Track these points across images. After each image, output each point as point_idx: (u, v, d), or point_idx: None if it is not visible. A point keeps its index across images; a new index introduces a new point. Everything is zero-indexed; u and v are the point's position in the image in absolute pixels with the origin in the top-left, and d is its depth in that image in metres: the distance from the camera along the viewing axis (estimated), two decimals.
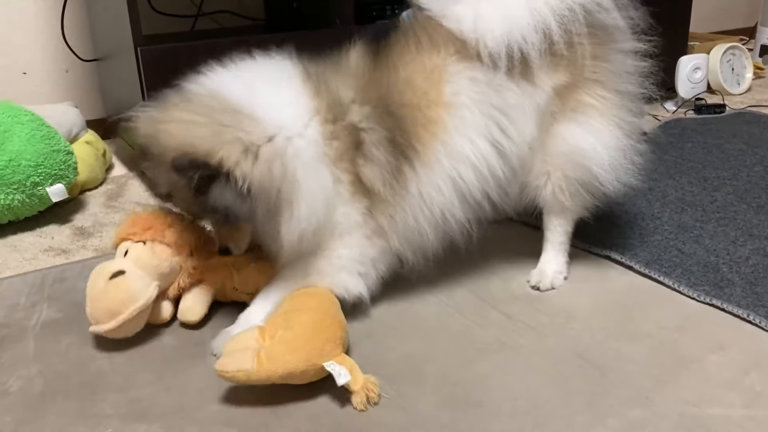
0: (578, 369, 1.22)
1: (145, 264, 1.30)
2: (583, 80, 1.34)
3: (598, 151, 1.35)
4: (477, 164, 1.29)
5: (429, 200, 1.29)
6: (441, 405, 1.13)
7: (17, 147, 1.82)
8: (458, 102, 1.27)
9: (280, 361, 1.11)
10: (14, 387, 1.20)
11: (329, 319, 1.21)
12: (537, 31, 1.25)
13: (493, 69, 1.27)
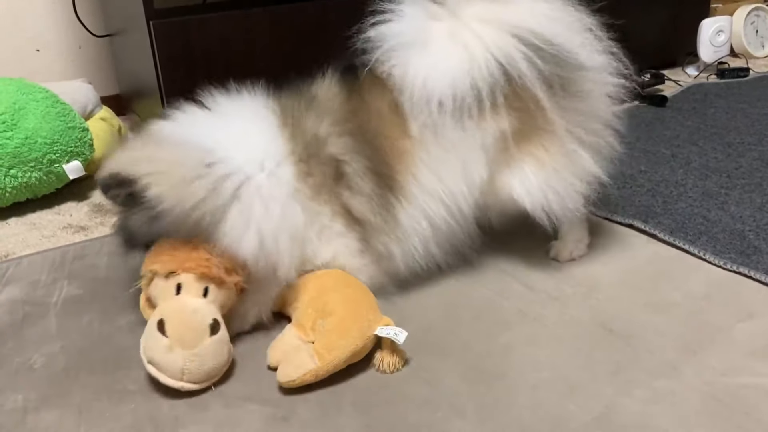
0: (603, 340, 1.20)
1: (221, 303, 1.17)
2: (532, 129, 1.28)
3: (530, 198, 1.30)
4: (445, 199, 1.28)
5: (416, 230, 1.29)
6: (464, 377, 1.12)
7: (33, 125, 1.82)
8: (422, 137, 1.26)
9: (339, 347, 1.10)
10: (38, 363, 1.20)
11: (357, 290, 1.21)
12: (462, 85, 1.21)
13: None
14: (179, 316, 1.10)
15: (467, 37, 1.22)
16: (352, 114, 1.27)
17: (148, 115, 2.20)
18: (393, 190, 1.26)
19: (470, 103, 1.22)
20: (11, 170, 1.78)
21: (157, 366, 1.08)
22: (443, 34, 1.25)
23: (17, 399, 1.12)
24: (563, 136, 1.28)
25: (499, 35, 1.21)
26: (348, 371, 1.12)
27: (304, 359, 1.09)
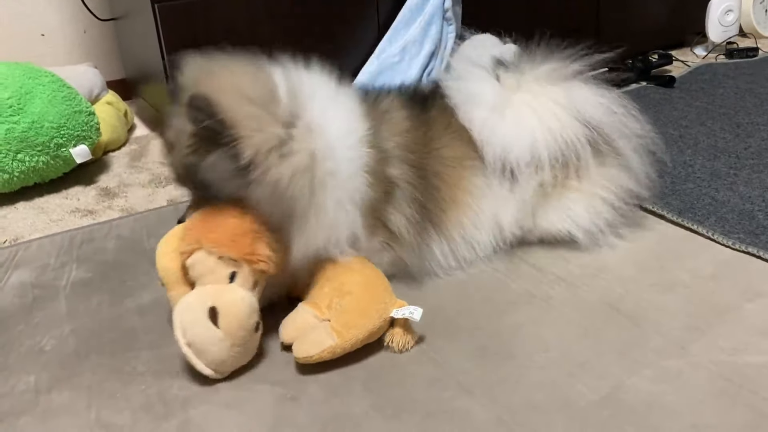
0: (611, 320, 1.20)
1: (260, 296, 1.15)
2: (566, 178, 1.38)
3: (571, 228, 1.39)
4: (481, 248, 1.37)
5: (444, 262, 1.34)
6: (473, 357, 1.12)
7: (39, 109, 1.82)
8: (478, 192, 1.34)
9: (358, 326, 1.10)
10: (48, 346, 1.21)
11: (373, 272, 1.21)
12: (533, 156, 1.33)
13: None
14: (237, 312, 1.07)
15: (542, 111, 1.35)
16: (415, 145, 1.30)
17: (155, 100, 2.20)
18: (435, 225, 1.31)
19: (534, 165, 1.34)
20: (18, 154, 1.79)
21: (197, 350, 1.06)
22: (523, 105, 1.36)
23: (29, 381, 1.12)
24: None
25: (567, 116, 1.35)
26: (357, 353, 1.12)
27: (322, 336, 1.09)
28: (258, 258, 1.11)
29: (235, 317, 1.06)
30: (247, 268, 1.10)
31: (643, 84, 2.42)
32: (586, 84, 1.40)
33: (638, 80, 2.45)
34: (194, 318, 1.06)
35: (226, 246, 1.10)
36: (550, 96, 1.37)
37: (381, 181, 1.24)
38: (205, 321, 1.05)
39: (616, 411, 1.00)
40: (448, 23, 2.14)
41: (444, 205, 1.32)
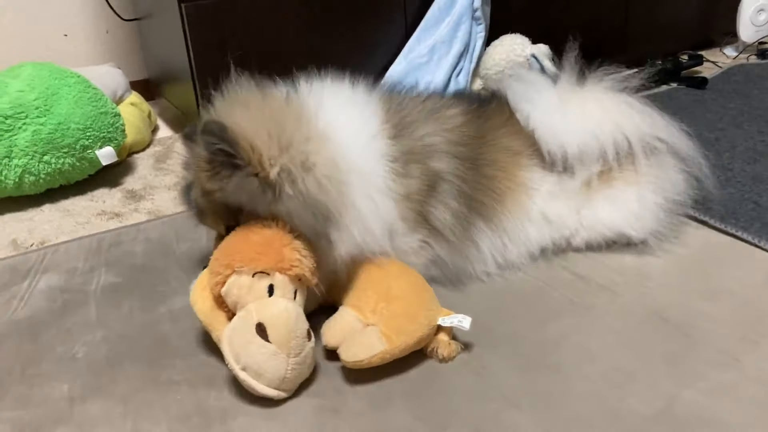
0: (657, 329, 1.16)
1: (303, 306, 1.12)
2: (610, 169, 1.37)
3: (619, 219, 1.37)
4: (531, 244, 1.36)
5: (491, 257, 1.32)
6: (517, 367, 1.09)
7: (65, 110, 1.80)
8: (531, 185, 1.35)
9: (407, 332, 1.07)
10: (80, 353, 1.19)
11: (418, 277, 1.18)
12: (590, 149, 1.34)
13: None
14: (284, 322, 1.03)
15: (602, 109, 1.37)
16: (468, 138, 1.31)
17: (180, 101, 2.18)
18: (485, 218, 1.30)
19: (590, 159, 1.34)
20: (45, 156, 1.77)
21: (254, 373, 1.02)
22: (583, 101, 1.38)
23: (63, 389, 1.10)
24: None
25: (625, 115, 1.37)
26: (397, 363, 1.09)
27: (372, 340, 1.06)
28: (290, 264, 1.08)
29: (283, 326, 1.03)
30: (281, 277, 1.07)
31: (674, 85, 2.37)
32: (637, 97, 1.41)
33: (668, 81, 2.40)
34: (243, 339, 1.03)
35: (255, 260, 1.07)
36: (609, 98, 1.37)
37: (422, 174, 1.22)
38: (255, 339, 1.02)
39: (670, 426, 0.96)
40: (477, 23, 2.10)
41: (498, 194, 1.31)
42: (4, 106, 1.72)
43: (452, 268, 1.30)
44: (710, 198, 1.52)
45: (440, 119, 1.30)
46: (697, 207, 1.49)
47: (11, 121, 1.73)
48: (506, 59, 2.10)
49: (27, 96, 1.76)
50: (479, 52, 2.14)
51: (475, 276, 1.32)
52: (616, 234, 1.36)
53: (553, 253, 1.38)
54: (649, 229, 1.35)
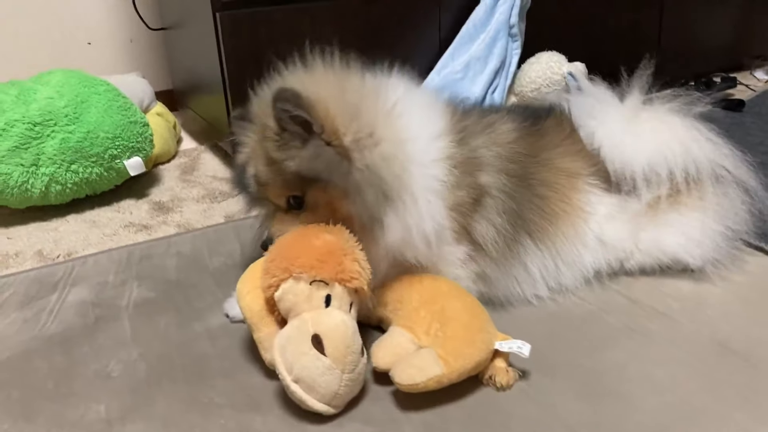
0: (722, 359, 1.11)
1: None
2: (678, 190, 1.33)
3: (679, 244, 1.32)
4: (584, 268, 1.31)
5: (541, 279, 1.28)
6: (579, 397, 1.03)
7: (95, 118, 1.76)
8: (587, 208, 1.30)
9: (465, 356, 1.02)
10: (116, 371, 1.14)
11: (473, 299, 1.13)
12: (656, 170, 1.30)
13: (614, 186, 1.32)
14: (341, 336, 0.99)
15: (670, 130, 1.32)
16: (520, 155, 1.27)
17: (208, 112, 2.14)
18: (535, 238, 1.25)
19: (655, 181, 1.30)
20: (72, 165, 1.73)
21: (307, 386, 0.97)
22: (650, 121, 1.33)
23: (99, 410, 1.05)
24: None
25: (692, 138, 1.32)
26: (452, 390, 1.04)
27: (428, 363, 1.01)
28: (351, 276, 1.04)
29: (341, 341, 0.98)
30: (339, 288, 1.03)
31: (709, 107, 2.32)
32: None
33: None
34: (298, 350, 0.98)
35: (316, 268, 1.02)
36: (678, 120, 1.34)
37: (470, 186, 1.18)
38: (310, 351, 0.97)
39: None
40: (513, 39, 2.07)
41: (551, 216, 1.26)
42: (33, 113, 1.69)
43: (499, 287, 1.25)
44: (762, 224, 1.47)
45: (493, 133, 1.26)
46: (753, 234, 1.44)
47: (40, 128, 1.69)
48: (543, 77, 2.06)
49: (56, 103, 1.72)
50: (514, 69, 2.10)
51: (524, 298, 1.27)
52: (673, 260, 1.31)
53: (605, 276, 1.33)
54: (709, 257, 1.30)
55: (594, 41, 2.36)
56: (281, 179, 1.12)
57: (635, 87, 1.36)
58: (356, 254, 1.06)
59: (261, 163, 1.14)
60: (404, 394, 1.03)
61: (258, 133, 1.14)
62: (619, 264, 1.33)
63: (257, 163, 1.15)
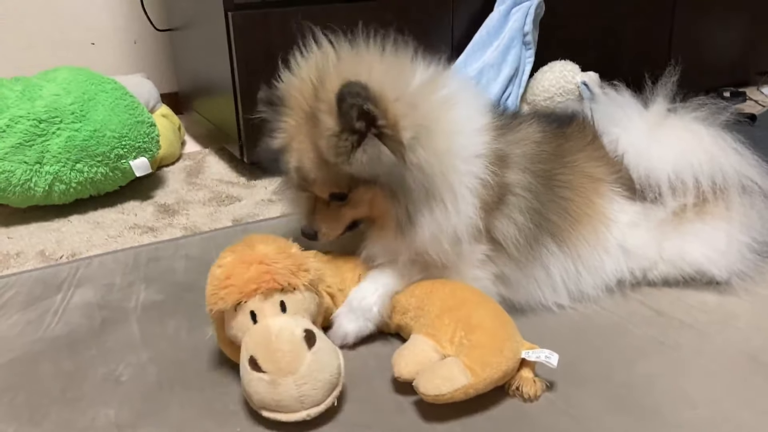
0: (757, 374, 1.07)
1: (306, 309, 1.05)
2: (704, 200, 1.30)
3: (704, 255, 1.28)
4: (607, 277, 1.28)
5: (562, 283, 1.25)
6: (611, 410, 0.99)
7: (102, 117, 1.72)
8: (610, 214, 1.27)
9: (492, 365, 0.98)
10: (125, 375, 1.09)
11: (498, 306, 1.09)
12: (681, 178, 1.27)
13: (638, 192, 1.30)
14: (266, 345, 0.96)
15: (696, 138, 1.30)
16: (546, 155, 1.24)
17: (215, 115, 2.10)
18: (557, 239, 1.23)
19: (680, 189, 1.28)
20: (77, 164, 1.68)
21: (271, 408, 0.95)
22: (676, 129, 1.32)
23: (108, 414, 1.00)
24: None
25: (718, 147, 1.30)
26: (479, 400, 1.00)
27: (454, 373, 0.97)
28: (256, 282, 1.00)
29: (268, 350, 0.96)
30: (256, 298, 1.01)
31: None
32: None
33: None
34: (246, 378, 0.97)
35: (226, 295, 1.01)
36: (704, 130, 1.31)
37: (498, 184, 1.15)
38: (253, 374, 0.95)
39: None
40: (527, 47, 2.04)
41: (574, 218, 1.24)
42: (39, 109, 1.64)
43: (519, 290, 1.22)
44: None
45: (521, 132, 1.24)
46: None
47: (45, 125, 1.64)
48: (556, 86, 2.04)
49: (63, 100, 1.68)
50: (527, 77, 2.08)
51: (545, 305, 1.24)
52: (698, 271, 1.28)
53: (628, 285, 1.30)
54: (734, 269, 1.27)
55: (605, 52, 2.34)
56: (330, 177, 1.09)
57: (660, 95, 1.34)
58: (294, 257, 1.04)
59: (309, 159, 1.10)
60: (429, 404, 0.99)
61: (300, 124, 1.10)
62: (643, 273, 1.30)
63: (302, 157, 1.11)
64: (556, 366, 1.00)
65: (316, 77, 1.08)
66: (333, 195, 1.13)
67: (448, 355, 1.02)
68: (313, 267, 1.08)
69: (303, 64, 1.12)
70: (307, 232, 1.17)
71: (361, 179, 1.07)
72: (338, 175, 1.08)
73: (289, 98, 1.11)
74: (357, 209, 1.15)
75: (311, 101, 1.07)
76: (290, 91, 1.11)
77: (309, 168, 1.10)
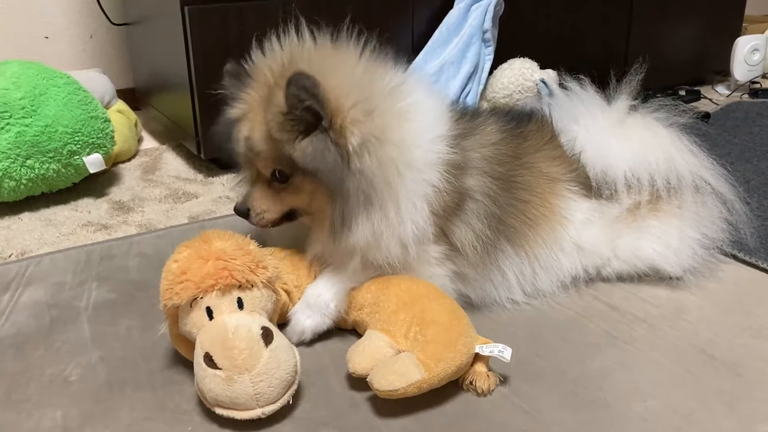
0: (707, 366, 1.09)
1: (263, 307, 1.04)
2: (658, 197, 1.32)
3: (656, 252, 1.30)
4: (563, 275, 1.29)
5: (517, 284, 1.25)
6: (565, 405, 1.00)
7: (54, 112, 1.68)
8: (567, 213, 1.28)
9: (446, 360, 0.98)
10: (74, 375, 1.06)
11: (453, 301, 1.09)
12: (637, 176, 1.28)
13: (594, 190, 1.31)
14: (222, 342, 0.95)
15: (654, 137, 1.32)
16: (504, 158, 1.24)
17: (172, 110, 2.07)
18: (514, 243, 1.23)
19: (635, 186, 1.29)
20: (28, 160, 1.64)
21: (226, 405, 0.93)
22: (636, 128, 1.33)
23: (55, 416, 0.97)
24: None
25: (675, 147, 1.32)
26: (432, 396, 1.00)
27: (408, 368, 0.96)
28: (214, 278, 0.99)
29: (225, 347, 0.94)
30: (213, 294, 0.99)
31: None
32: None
33: None
34: (200, 374, 0.96)
35: (182, 291, 0.99)
36: (662, 130, 1.33)
37: (455, 190, 1.14)
38: (208, 371, 0.94)
39: None
40: (486, 45, 2.05)
41: (531, 220, 1.24)
42: None
43: (476, 286, 1.22)
44: (733, 231, 1.48)
45: (479, 135, 1.23)
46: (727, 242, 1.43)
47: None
48: (515, 83, 2.05)
49: (12, 94, 1.63)
50: (487, 75, 2.09)
51: (500, 302, 1.24)
52: (650, 267, 1.30)
53: (583, 282, 1.31)
54: (686, 264, 1.29)
55: (563, 51, 2.36)
56: (274, 154, 1.08)
57: (623, 93, 1.35)
58: (252, 254, 1.04)
59: (258, 131, 1.08)
60: (382, 400, 0.99)
61: (261, 97, 1.09)
62: (597, 271, 1.31)
63: (253, 128, 1.09)
64: (509, 360, 1.00)
65: (288, 59, 1.08)
66: (275, 175, 1.10)
67: (403, 350, 1.02)
68: (271, 264, 1.07)
69: (277, 47, 1.11)
70: (239, 208, 1.15)
71: (303, 168, 1.06)
72: (281, 153, 1.06)
73: (256, 73, 1.11)
74: (297, 196, 1.12)
75: (276, 77, 1.06)
76: (260, 67, 1.11)
77: (257, 139, 1.09)
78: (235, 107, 1.13)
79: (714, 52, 2.84)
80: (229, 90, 1.14)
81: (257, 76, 1.10)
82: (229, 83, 1.15)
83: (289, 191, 1.11)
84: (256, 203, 1.14)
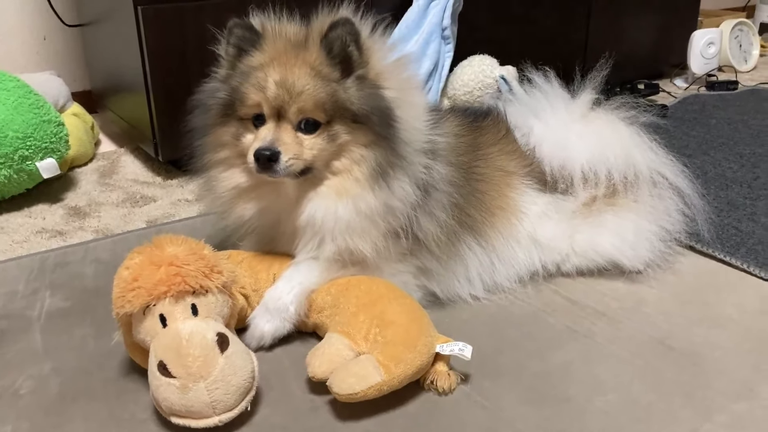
0: (665, 358, 1.10)
1: (219, 312, 1.02)
2: (614, 191, 1.33)
3: (614, 247, 1.31)
4: (520, 268, 1.30)
5: (478, 276, 1.26)
6: (526, 400, 1.00)
7: (3, 116, 1.63)
8: (522, 206, 1.29)
9: (406, 361, 0.97)
10: (25, 388, 1.03)
11: (413, 301, 1.09)
12: (600, 173, 1.30)
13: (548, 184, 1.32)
14: (176, 349, 0.93)
15: (614, 131, 1.34)
16: (466, 147, 1.27)
17: (129, 113, 2.03)
18: (476, 233, 1.24)
19: (592, 180, 1.30)
20: None
21: (181, 414, 0.91)
22: (596, 122, 1.35)
23: (5, 430, 0.94)
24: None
25: (634, 141, 1.34)
26: (394, 397, 0.99)
27: (368, 371, 0.95)
28: (167, 284, 0.97)
29: (179, 355, 0.92)
30: (166, 301, 0.97)
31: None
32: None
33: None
34: (155, 383, 0.94)
35: (134, 298, 0.97)
36: (622, 126, 1.35)
37: (426, 180, 1.15)
38: (162, 379, 0.92)
39: None
40: (446, 42, 2.05)
41: (489, 211, 1.26)
42: None
43: (440, 282, 1.22)
44: (690, 222, 1.50)
45: (446, 124, 1.25)
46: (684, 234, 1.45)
47: None
48: (475, 80, 2.05)
49: None
50: (447, 71, 2.08)
51: (462, 297, 1.24)
52: (608, 261, 1.31)
53: (542, 277, 1.31)
54: (643, 258, 1.31)
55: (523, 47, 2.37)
56: (317, 94, 1.06)
57: (587, 88, 1.37)
58: (206, 258, 1.02)
59: (298, 71, 1.07)
60: (343, 403, 0.97)
61: (290, 43, 1.10)
62: (556, 267, 1.32)
63: (290, 70, 1.07)
64: (469, 358, 1.00)
65: (301, 24, 1.13)
66: (306, 121, 1.07)
67: (363, 352, 1.01)
68: (227, 268, 1.05)
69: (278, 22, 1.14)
70: (269, 148, 1.04)
71: (349, 112, 1.07)
72: (326, 95, 1.06)
73: (268, 29, 1.12)
74: (327, 146, 1.08)
75: (299, 34, 1.11)
76: (271, 25, 1.13)
77: (297, 79, 1.06)
78: (254, 56, 1.11)
79: (671, 46, 2.87)
80: (241, 42, 1.13)
81: (272, 30, 1.12)
82: (241, 34, 1.13)
83: (320, 140, 1.08)
84: (287, 147, 1.06)
